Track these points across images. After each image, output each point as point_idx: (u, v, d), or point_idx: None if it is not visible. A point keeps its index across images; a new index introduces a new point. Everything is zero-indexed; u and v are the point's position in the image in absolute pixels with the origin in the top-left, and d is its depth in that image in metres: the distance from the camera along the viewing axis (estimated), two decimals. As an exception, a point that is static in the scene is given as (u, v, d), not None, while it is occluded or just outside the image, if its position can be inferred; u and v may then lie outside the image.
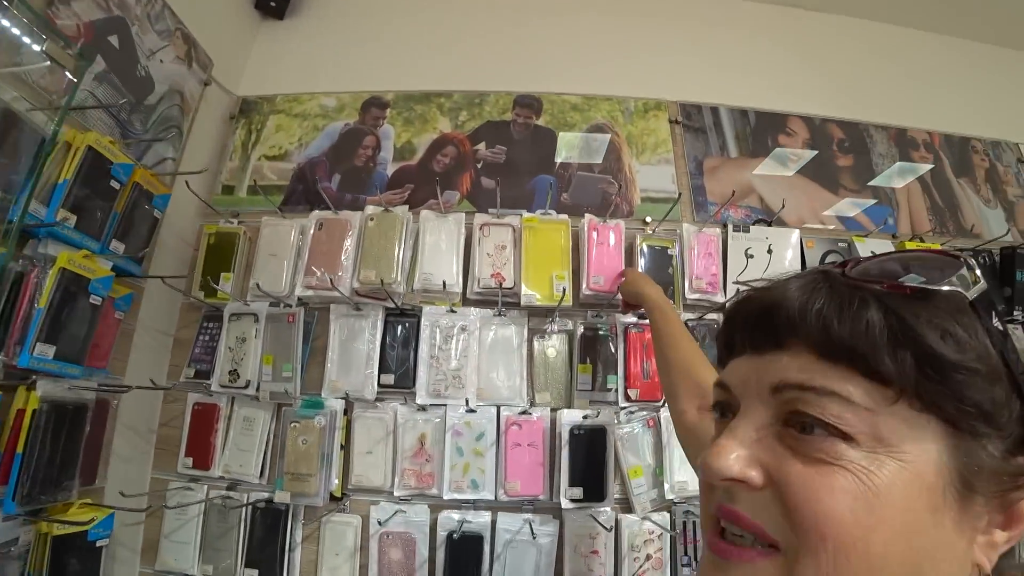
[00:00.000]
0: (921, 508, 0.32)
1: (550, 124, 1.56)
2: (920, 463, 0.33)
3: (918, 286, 0.35)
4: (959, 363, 0.33)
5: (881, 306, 0.35)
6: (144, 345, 1.32)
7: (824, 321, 0.36)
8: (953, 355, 0.33)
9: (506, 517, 1.22)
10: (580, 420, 1.25)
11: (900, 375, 0.33)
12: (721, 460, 0.37)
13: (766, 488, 0.35)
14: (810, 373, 0.35)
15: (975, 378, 0.33)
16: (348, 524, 1.24)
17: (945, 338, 0.33)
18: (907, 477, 0.32)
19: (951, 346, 0.33)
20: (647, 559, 1.22)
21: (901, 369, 0.33)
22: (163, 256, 1.36)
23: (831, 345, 0.35)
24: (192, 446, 1.32)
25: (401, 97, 1.59)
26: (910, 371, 0.33)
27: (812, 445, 0.34)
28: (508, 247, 1.32)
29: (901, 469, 0.32)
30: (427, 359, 1.29)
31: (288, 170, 1.52)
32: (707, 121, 1.62)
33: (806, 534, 0.33)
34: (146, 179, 1.20)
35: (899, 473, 0.32)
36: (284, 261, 1.36)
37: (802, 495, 0.33)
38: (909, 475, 0.32)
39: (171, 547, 1.28)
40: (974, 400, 0.33)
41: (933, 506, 0.33)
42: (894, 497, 0.32)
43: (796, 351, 0.37)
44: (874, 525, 0.32)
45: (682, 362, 0.89)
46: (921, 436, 0.33)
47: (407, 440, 1.26)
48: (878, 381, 0.33)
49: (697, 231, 1.41)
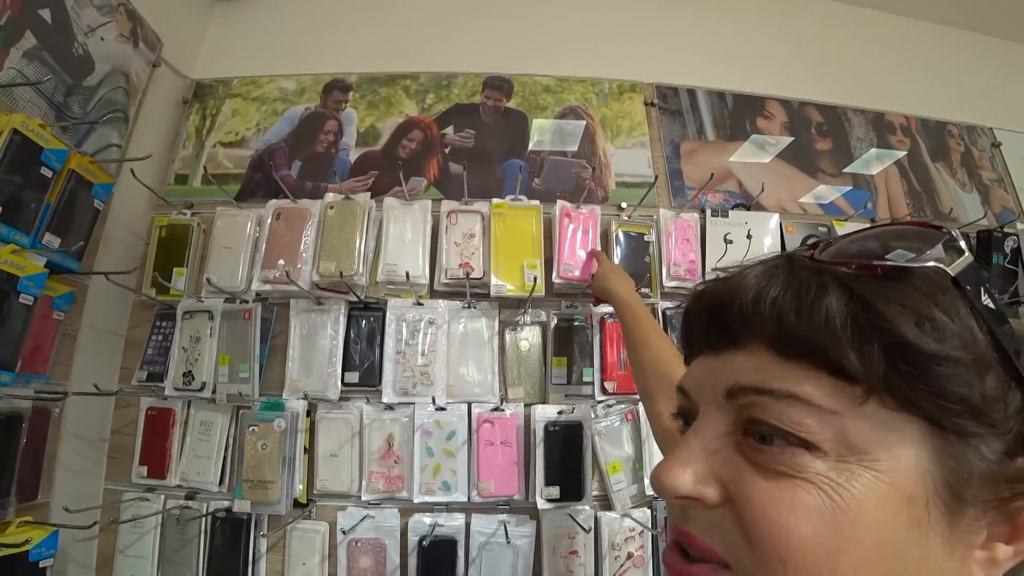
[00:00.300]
0: (900, 525, 0.28)
1: (521, 107, 1.49)
2: (897, 472, 0.28)
3: (890, 264, 0.30)
4: (937, 353, 0.28)
5: (844, 291, 0.30)
6: (91, 347, 1.23)
7: (778, 312, 0.31)
8: (929, 344, 0.28)
9: (480, 519, 1.16)
10: (555, 416, 1.19)
11: (867, 370, 0.28)
12: (672, 476, 0.32)
13: (723, 506, 0.31)
14: (765, 374, 0.31)
15: (957, 368, 0.27)
16: (315, 532, 1.17)
17: (921, 324, 0.28)
18: (882, 489, 0.28)
19: (927, 333, 0.28)
20: (628, 558, 1.17)
21: (868, 363, 0.28)
22: (110, 251, 1.26)
23: (786, 340, 0.31)
24: (146, 454, 1.23)
25: (365, 79, 1.51)
26: (878, 365, 0.28)
27: (772, 456, 0.30)
28: (477, 235, 1.26)
29: (874, 480, 0.28)
30: (393, 355, 1.21)
31: (245, 157, 1.43)
32: (684, 103, 1.57)
33: (763, 556, 0.28)
34: (84, 166, 1.10)
35: (872, 485, 0.28)
36: (240, 254, 1.27)
37: (759, 513, 0.29)
38: (884, 487, 0.28)
39: (127, 562, 1.20)
40: (958, 395, 0.28)
41: (915, 522, 0.28)
42: (867, 513, 0.27)
43: (752, 349, 0.33)
44: (842, 547, 0.27)
45: (655, 361, 0.84)
46: (898, 440, 0.28)
47: (374, 441, 1.19)
48: (843, 379, 0.29)
49: (674, 216, 1.36)
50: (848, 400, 0.28)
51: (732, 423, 0.33)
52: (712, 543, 0.31)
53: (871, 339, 0.28)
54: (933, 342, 0.28)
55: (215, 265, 1.28)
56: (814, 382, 0.29)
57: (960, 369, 0.28)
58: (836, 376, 0.29)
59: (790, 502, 0.28)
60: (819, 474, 0.28)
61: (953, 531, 0.28)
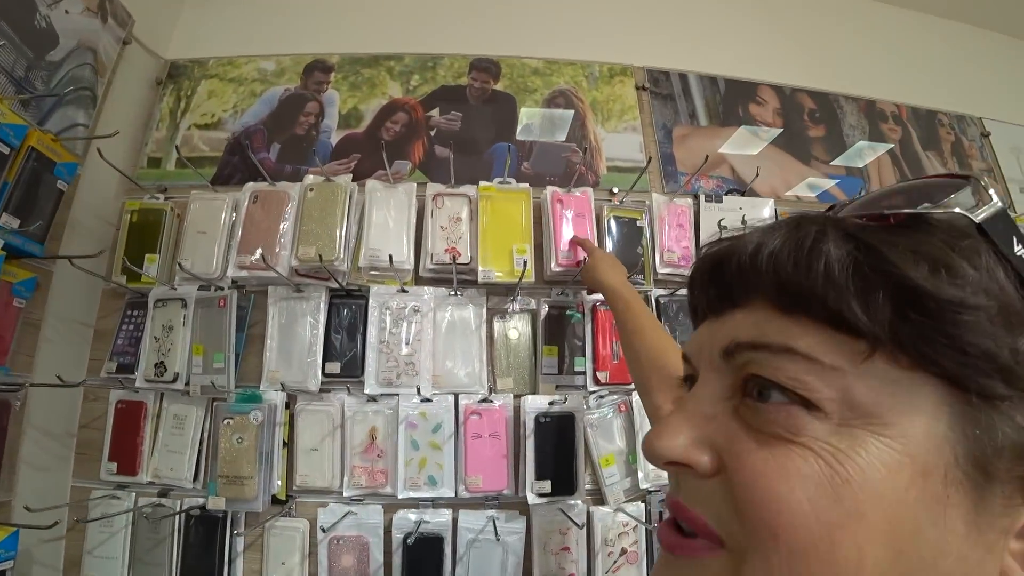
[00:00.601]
0: (913, 500, 0.24)
1: (509, 89, 1.44)
2: (910, 439, 0.24)
3: (904, 212, 0.27)
4: (954, 298, 0.24)
5: (849, 240, 0.27)
6: (57, 337, 1.17)
7: (775, 264, 0.28)
8: (945, 289, 0.24)
9: (468, 515, 1.11)
10: (546, 407, 1.15)
11: (871, 321, 0.25)
12: (663, 440, 0.29)
13: (717, 475, 0.28)
14: (763, 328, 0.28)
15: (979, 318, 0.24)
16: (295, 529, 1.12)
17: (935, 269, 0.24)
18: (892, 458, 0.24)
19: (943, 278, 0.24)
20: (622, 553, 1.13)
21: (872, 313, 0.25)
22: (77, 236, 1.19)
23: (784, 292, 0.28)
24: (116, 450, 1.17)
25: (347, 60, 1.45)
26: (883, 314, 0.24)
27: (767, 417, 0.27)
28: (464, 219, 1.21)
29: (883, 448, 0.24)
30: (376, 344, 1.16)
31: (221, 140, 1.37)
32: (676, 88, 1.54)
33: (754, 530, 0.25)
34: (45, 144, 1.04)
35: (880, 453, 0.24)
36: (215, 239, 1.21)
37: (749, 480, 0.26)
38: (895, 455, 0.24)
39: (96, 563, 1.14)
40: (981, 348, 0.23)
41: (931, 497, 0.24)
42: (873, 485, 0.24)
43: (752, 306, 0.30)
44: (843, 521, 0.24)
45: (650, 353, 0.81)
46: (913, 402, 0.24)
47: (356, 434, 1.14)
48: (845, 332, 0.25)
49: (667, 201, 1.32)
50: (852, 355, 0.25)
51: (730, 386, 0.30)
52: (704, 516, 0.28)
53: (875, 286, 0.25)
54: (949, 287, 0.24)
55: (189, 251, 1.21)
56: (814, 335, 0.26)
57: (983, 319, 0.24)
58: (838, 329, 0.26)
59: (785, 469, 0.25)
60: (818, 439, 0.25)
61: (980, 513, 0.24)
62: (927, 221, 0.27)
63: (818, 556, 0.24)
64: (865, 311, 0.25)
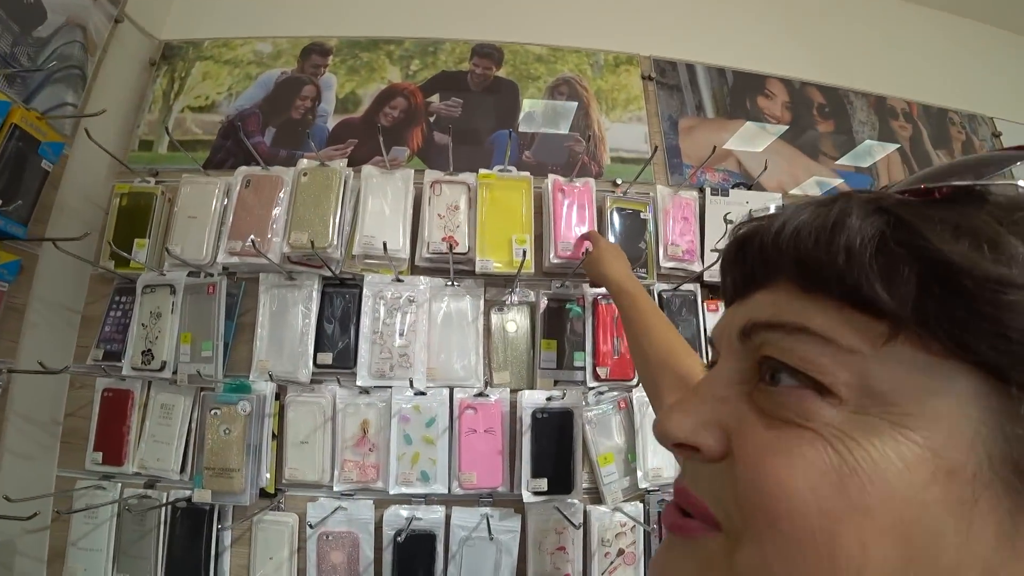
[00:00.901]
0: (933, 502, 0.21)
1: (512, 76, 1.40)
2: (934, 433, 0.21)
3: (951, 185, 0.24)
4: (996, 277, 0.21)
5: (880, 213, 0.24)
6: (43, 323, 1.14)
7: (796, 240, 0.26)
8: (987, 266, 0.21)
9: (461, 512, 1.08)
10: (544, 402, 1.11)
11: (893, 298, 0.22)
12: (672, 421, 0.28)
13: (724, 459, 0.26)
14: (780, 307, 0.26)
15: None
16: (283, 524, 1.09)
17: (978, 245, 0.21)
18: (910, 452, 0.21)
19: (984, 255, 0.21)
20: (619, 554, 1.10)
21: (894, 289, 0.22)
22: (65, 219, 1.16)
23: (803, 268, 0.26)
24: (102, 439, 1.14)
25: (346, 43, 1.41)
26: (908, 293, 0.22)
27: (778, 400, 0.25)
28: (462, 208, 1.17)
29: (901, 440, 0.22)
30: (369, 335, 1.12)
31: (215, 123, 1.33)
32: (682, 79, 1.50)
33: (752, 515, 0.24)
34: (29, 122, 1.00)
35: (897, 446, 0.21)
36: (206, 224, 1.17)
37: (752, 463, 0.24)
38: (916, 449, 0.21)
39: (80, 555, 1.11)
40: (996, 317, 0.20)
41: (955, 500, 0.21)
42: (885, 479, 0.21)
43: (775, 287, 0.28)
44: (846, 514, 0.22)
45: (658, 352, 0.76)
46: (941, 392, 0.22)
47: (348, 427, 1.10)
48: (866, 311, 0.23)
49: (672, 194, 1.28)
50: (872, 337, 0.23)
51: (747, 369, 0.28)
52: (704, 498, 0.27)
53: (901, 261, 0.22)
54: (992, 263, 0.21)
55: (179, 236, 1.18)
56: (831, 315, 0.24)
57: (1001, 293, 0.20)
58: (857, 308, 0.23)
59: (789, 453, 0.23)
60: (829, 424, 0.23)
61: (1018, 524, 0.21)
62: (980, 196, 0.23)
63: (815, 548, 0.22)
64: (887, 287, 0.22)
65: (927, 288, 0.22)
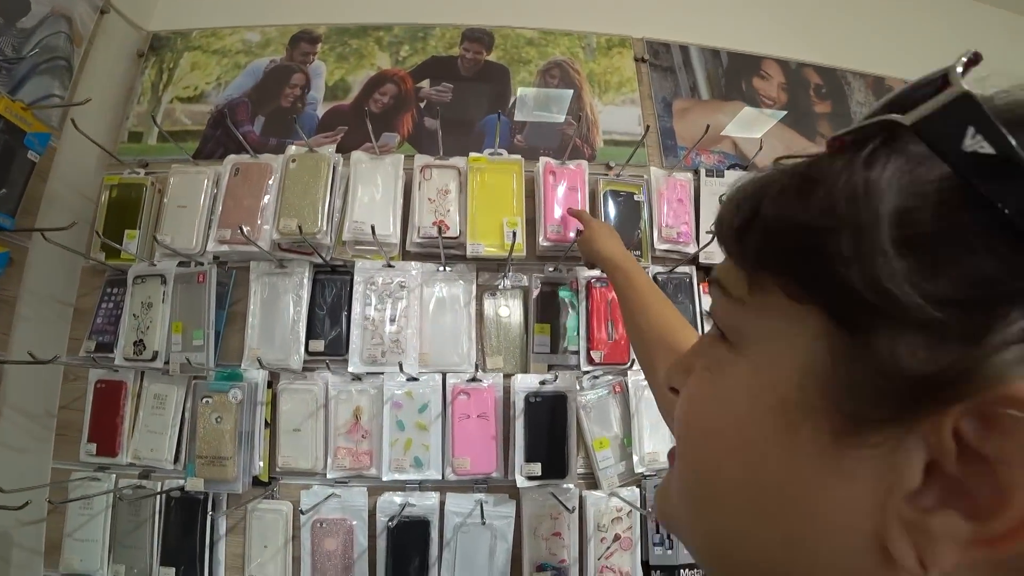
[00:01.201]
0: (768, 427, 0.24)
1: (503, 60, 1.39)
2: (774, 366, 0.24)
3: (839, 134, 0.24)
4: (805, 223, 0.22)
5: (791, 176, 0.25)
6: (35, 316, 1.13)
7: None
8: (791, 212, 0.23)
9: (456, 498, 1.07)
10: (537, 386, 1.10)
11: (742, 250, 0.26)
12: (669, 369, 0.34)
13: None
14: (719, 268, 0.30)
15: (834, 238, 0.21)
16: (278, 512, 1.09)
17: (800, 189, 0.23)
18: (754, 382, 0.25)
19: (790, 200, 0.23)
20: (615, 539, 1.09)
21: (745, 243, 0.25)
22: (55, 212, 1.15)
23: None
24: (95, 430, 1.14)
25: (335, 31, 1.40)
26: (752, 243, 0.25)
27: (711, 347, 0.29)
28: (452, 192, 1.16)
29: (750, 372, 0.25)
30: (361, 321, 1.12)
31: (204, 113, 1.32)
32: (676, 60, 1.48)
33: (676, 442, 0.31)
34: (14, 112, 1.00)
35: (745, 376, 0.26)
36: (196, 213, 1.17)
37: (681, 399, 0.31)
38: (758, 380, 0.25)
39: (76, 546, 1.11)
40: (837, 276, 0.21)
41: (784, 426, 0.23)
42: (734, 404, 0.26)
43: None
44: (709, 434, 0.27)
45: (654, 328, 0.74)
46: (788, 332, 0.24)
47: (340, 414, 1.09)
48: (738, 265, 0.27)
49: (666, 176, 1.26)
50: (746, 287, 0.26)
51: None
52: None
53: (752, 216, 0.25)
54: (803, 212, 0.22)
55: (169, 226, 1.17)
56: (731, 271, 0.27)
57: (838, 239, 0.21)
58: (735, 263, 0.27)
59: (691, 387, 0.29)
60: (717, 361, 0.28)
61: (841, 453, 0.21)
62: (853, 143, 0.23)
63: (695, 465, 0.28)
64: (738, 241, 0.26)
65: (766, 239, 0.24)
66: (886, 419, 0.20)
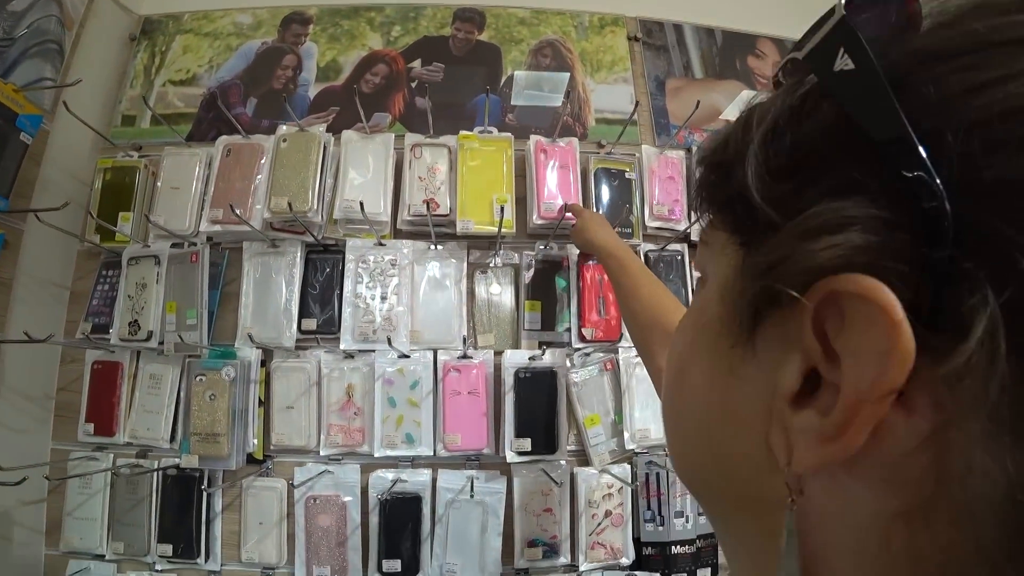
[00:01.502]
0: (702, 344, 0.26)
1: (494, 40, 1.38)
2: (710, 290, 0.26)
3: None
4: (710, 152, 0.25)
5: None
6: (31, 299, 1.14)
7: None
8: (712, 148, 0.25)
9: (447, 475, 1.08)
10: (526, 362, 1.11)
11: (699, 192, 0.27)
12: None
13: None
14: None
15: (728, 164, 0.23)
16: (272, 489, 1.10)
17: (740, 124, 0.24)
18: (699, 307, 0.27)
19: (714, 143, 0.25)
20: (606, 516, 1.10)
21: (700, 185, 0.27)
22: (49, 195, 1.15)
23: None
24: (93, 410, 1.15)
25: (326, 12, 1.39)
26: (702, 183, 0.26)
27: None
28: (443, 170, 1.16)
29: (697, 302, 0.28)
30: (352, 299, 1.12)
31: (196, 96, 1.32)
32: (669, 39, 1.47)
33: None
34: (5, 94, 1.00)
35: (699, 305, 0.28)
36: (189, 195, 1.17)
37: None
38: (700, 304, 0.27)
39: (75, 524, 1.13)
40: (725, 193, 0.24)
41: (710, 343, 0.25)
42: (688, 330, 0.28)
43: None
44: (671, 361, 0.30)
45: (649, 312, 0.76)
46: (722, 260, 0.25)
47: (333, 392, 1.10)
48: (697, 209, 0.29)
49: (658, 154, 1.26)
50: (706, 229, 0.27)
51: None
52: None
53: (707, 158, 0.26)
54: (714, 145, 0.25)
55: (163, 207, 1.18)
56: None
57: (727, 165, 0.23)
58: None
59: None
60: (695, 299, 0.29)
61: (747, 364, 0.23)
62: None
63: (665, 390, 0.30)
64: (697, 185, 0.27)
65: (701, 179, 0.26)
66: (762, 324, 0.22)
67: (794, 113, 0.21)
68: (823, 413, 0.18)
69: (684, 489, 1.13)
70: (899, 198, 0.17)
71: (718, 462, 0.25)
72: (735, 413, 0.23)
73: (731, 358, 0.23)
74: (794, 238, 0.19)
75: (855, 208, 0.17)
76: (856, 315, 0.17)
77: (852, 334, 0.17)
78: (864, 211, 0.17)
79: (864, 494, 0.18)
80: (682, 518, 1.12)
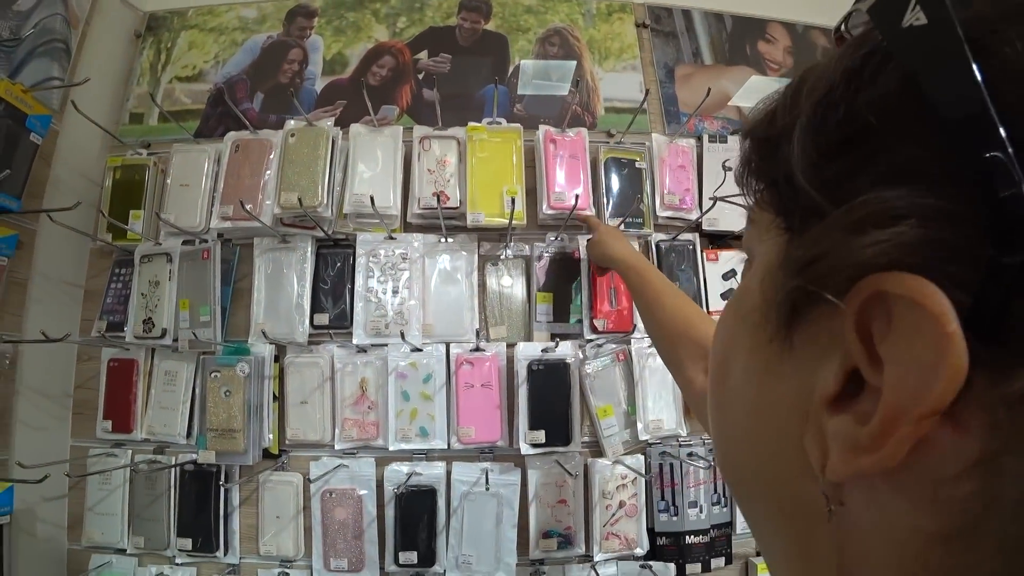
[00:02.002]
0: (744, 331, 0.24)
1: (501, 29, 1.36)
2: (755, 274, 0.24)
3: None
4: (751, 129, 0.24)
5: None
6: (47, 297, 1.15)
7: None
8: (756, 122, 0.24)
9: (462, 467, 1.09)
10: (539, 354, 1.10)
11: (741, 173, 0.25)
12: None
13: None
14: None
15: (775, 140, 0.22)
16: (288, 483, 1.11)
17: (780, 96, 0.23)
18: (743, 291, 0.26)
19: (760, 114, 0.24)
20: (620, 506, 1.10)
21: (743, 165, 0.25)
22: (60, 195, 1.16)
23: None
24: (110, 408, 1.17)
25: (331, 4, 1.38)
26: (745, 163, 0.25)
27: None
28: (452, 162, 1.15)
29: (745, 285, 0.26)
30: (364, 294, 1.12)
31: (204, 92, 1.32)
32: (678, 25, 1.44)
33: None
34: (14, 95, 1.00)
35: (743, 290, 0.26)
36: (198, 191, 1.18)
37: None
38: (744, 288, 0.26)
39: (96, 520, 1.15)
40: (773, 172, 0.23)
41: (751, 329, 0.23)
42: (730, 315, 0.27)
43: None
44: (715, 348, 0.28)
45: (672, 322, 0.74)
46: (767, 240, 0.23)
47: (347, 386, 1.11)
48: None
49: (668, 142, 1.24)
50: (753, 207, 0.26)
51: None
52: None
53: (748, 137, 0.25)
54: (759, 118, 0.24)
55: (173, 205, 1.18)
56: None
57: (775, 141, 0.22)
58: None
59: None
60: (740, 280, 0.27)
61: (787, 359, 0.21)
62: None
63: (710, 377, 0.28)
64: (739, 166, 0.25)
65: (749, 154, 0.24)
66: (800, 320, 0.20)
67: (851, 79, 0.18)
68: (861, 421, 0.17)
69: (697, 479, 1.13)
70: (966, 186, 0.14)
71: (755, 460, 0.24)
72: (771, 412, 0.22)
73: (768, 353, 0.22)
74: (839, 230, 0.17)
75: (911, 196, 0.15)
76: (903, 320, 0.15)
77: (898, 340, 0.16)
78: (922, 201, 0.15)
79: (904, 508, 0.17)
80: (696, 508, 1.12)
